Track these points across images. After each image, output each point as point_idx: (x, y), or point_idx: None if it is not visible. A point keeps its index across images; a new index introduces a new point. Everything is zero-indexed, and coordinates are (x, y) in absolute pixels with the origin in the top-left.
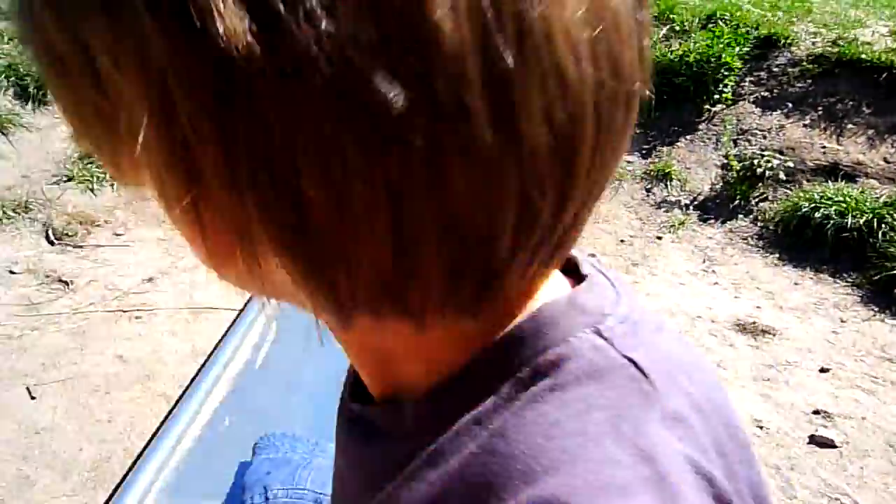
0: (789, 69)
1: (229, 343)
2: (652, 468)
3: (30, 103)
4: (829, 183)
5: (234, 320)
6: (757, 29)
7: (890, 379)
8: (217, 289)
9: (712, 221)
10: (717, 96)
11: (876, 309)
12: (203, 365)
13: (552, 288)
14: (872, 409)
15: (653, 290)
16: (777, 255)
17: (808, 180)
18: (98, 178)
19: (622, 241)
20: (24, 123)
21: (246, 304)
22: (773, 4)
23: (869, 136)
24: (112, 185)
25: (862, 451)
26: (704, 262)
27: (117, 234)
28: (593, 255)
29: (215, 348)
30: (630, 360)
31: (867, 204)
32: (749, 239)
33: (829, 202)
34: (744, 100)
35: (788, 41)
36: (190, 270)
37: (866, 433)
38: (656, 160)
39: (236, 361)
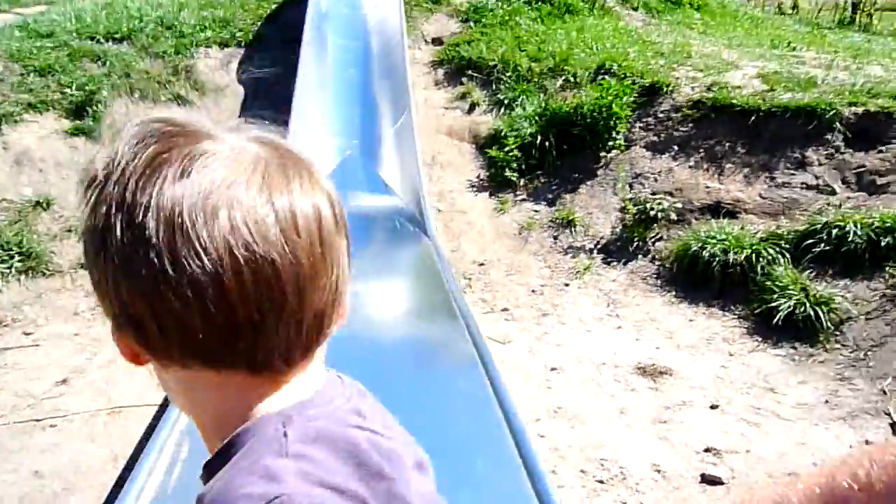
0: (672, 115)
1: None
2: (274, 481)
3: None
4: (714, 221)
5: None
6: (642, 78)
7: (771, 409)
8: (136, 384)
9: (615, 264)
10: (610, 143)
11: (759, 339)
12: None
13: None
14: (756, 442)
15: (562, 339)
16: (674, 293)
17: (696, 219)
18: (2, 273)
19: (533, 290)
20: None
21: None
22: (657, 52)
23: (745, 175)
24: (19, 277)
25: (747, 486)
26: (609, 305)
27: (27, 334)
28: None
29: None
30: (285, 434)
31: (747, 240)
32: (648, 279)
33: (714, 240)
34: (635, 145)
35: (670, 88)
36: (106, 366)
37: (751, 466)
38: (561, 207)
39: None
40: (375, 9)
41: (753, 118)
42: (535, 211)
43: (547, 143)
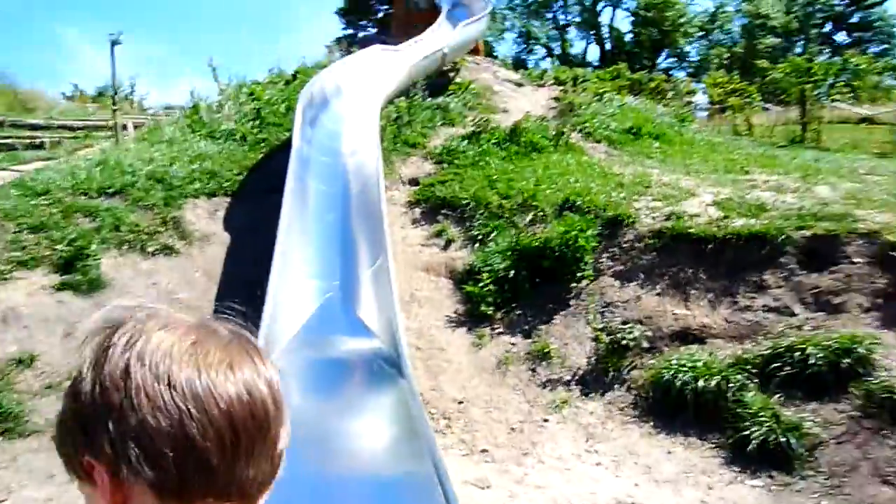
0: (636, 244)
1: None
2: None
3: None
4: (683, 347)
5: None
6: (605, 211)
7: None
8: None
9: (592, 395)
10: (580, 274)
11: (737, 470)
12: None
13: None
14: None
15: (542, 480)
16: (651, 424)
17: (666, 346)
18: None
19: (513, 428)
20: None
21: None
22: (618, 184)
23: (709, 300)
24: None
25: None
26: (588, 440)
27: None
28: None
29: None
30: None
31: (716, 366)
32: (626, 409)
33: (686, 368)
34: (604, 274)
35: (631, 220)
36: None
37: None
38: (537, 339)
39: None
40: (353, 155)
41: (711, 245)
42: (513, 343)
43: (520, 277)
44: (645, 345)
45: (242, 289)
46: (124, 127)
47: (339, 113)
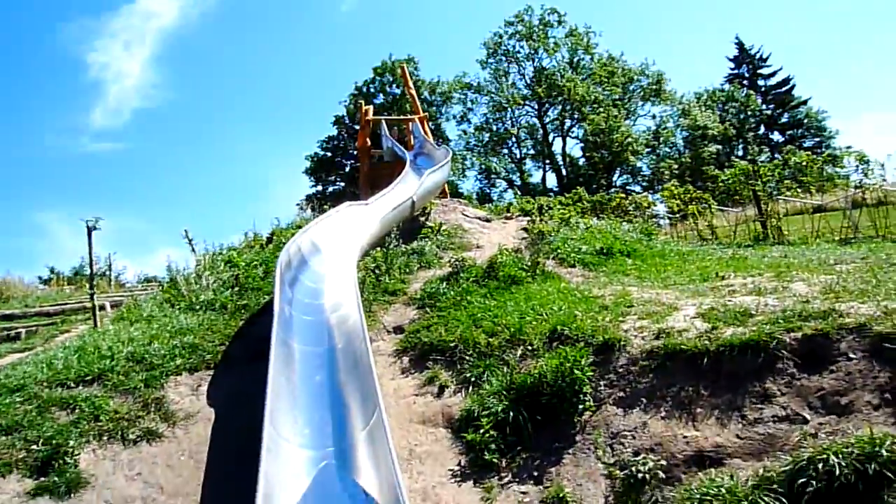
0: (631, 368)
1: None
2: None
3: None
4: (702, 473)
5: None
6: (594, 337)
7: None
8: None
9: None
10: (581, 406)
11: None
12: None
13: None
14: None
15: None
16: None
17: (683, 473)
18: None
19: None
20: None
21: None
22: (601, 306)
23: (717, 417)
24: None
25: None
26: None
27: None
28: None
29: None
30: None
31: (740, 491)
32: None
33: (709, 498)
34: (605, 403)
35: (622, 343)
36: None
37: None
38: (549, 484)
39: None
40: (336, 311)
41: (706, 359)
42: (524, 493)
43: (520, 418)
44: (661, 475)
45: (231, 468)
46: (102, 307)
47: (318, 271)
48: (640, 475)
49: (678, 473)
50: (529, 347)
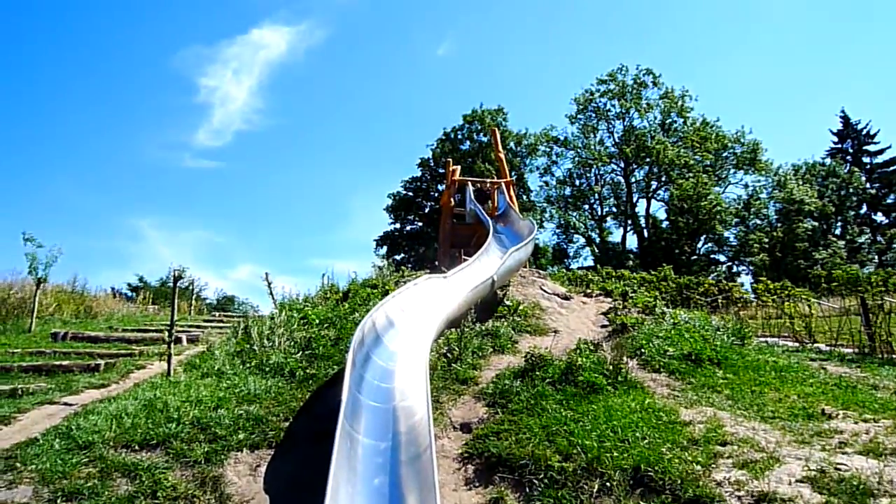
0: None
1: None
2: None
3: None
4: None
5: None
6: (681, 487)
7: None
8: None
9: None
10: None
11: None
12: None
13: None
14: None
15: None
16: None
17: None
18: None
19: None
20: None
21: None
22: (690, 439)
23: None
24: None
25: None
26: None
27: None
28: None
29: None
30: None
31: None
32: None
33: None
34: None
35: (715, 500)
36: None
37: None
38: None
39: None
40: (404, 400)
41: None
42: None
43: None
44: None
45: None
46: (178, 340)
47: (392, 349)
48: None
49: None
50: (607, 484)
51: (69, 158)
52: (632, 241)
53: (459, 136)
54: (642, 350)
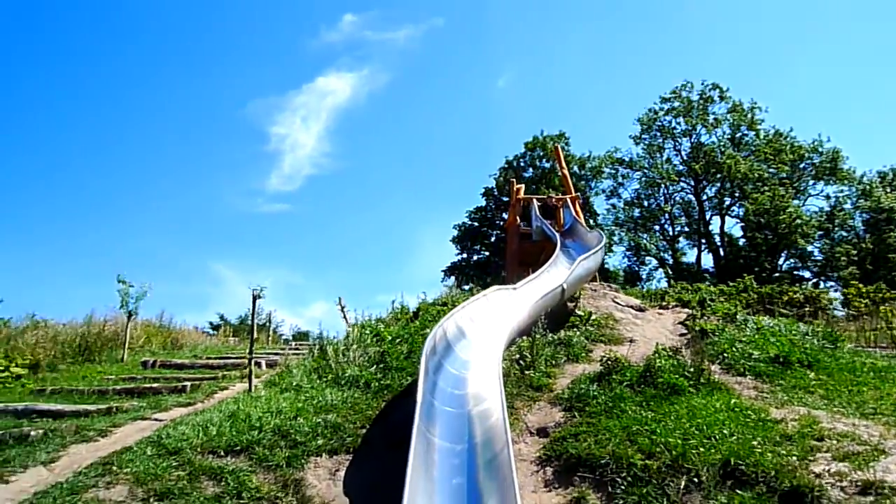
0: None
1: None
2: None
3: None
4: None
5: None
6: (777, 479)
7: None
8: None
9: None
10: None
11: None
12: None
13: None
14: None
15: None
16: None
17: None
18: None
19: None
20: None
21: None
22: (783, 435)
23: None
24: None
25: None
26: None
27: None
28: None
29: None
30: None
31: None
32: None
33: None
34: None
35: (818, 493)
36: None
37: None
38: None
39: None
40: (478, 405)
41: None
42: None
43: None
44: None
45: None
46: (258, 364)
47: (463, 357)
48: None
49: None
50: (695, 479)
51: (158, 210)
52: (707, 261)
53: (522, 164)
54: (724, 354)
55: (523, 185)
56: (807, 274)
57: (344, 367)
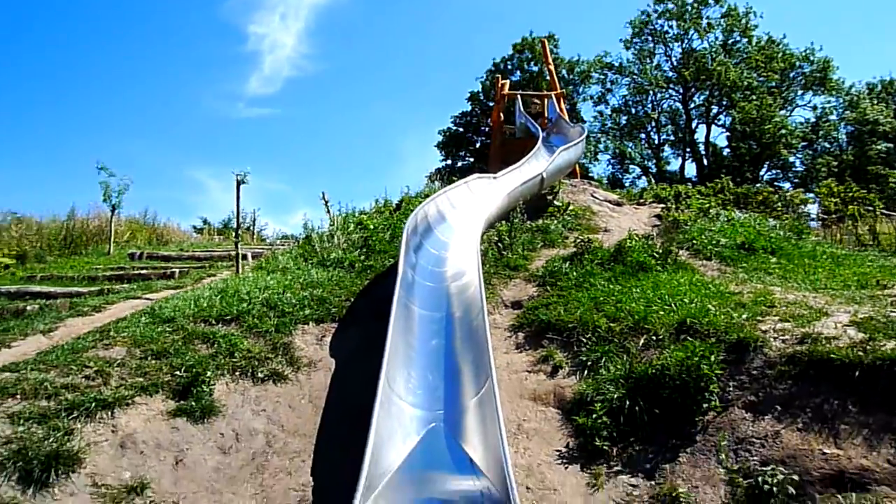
0: (767, 371)
1: None
2: None
3: (31, 488)
4: (841, 496)
5: None
6: (726, 334)
7: None
8: None
9: None
10: (705, 405)
11: None
12: None
13: None
14: None
15: None
16: None
17: (818, 493)
18: None
19: None
20: None
21: None
22: (738, 303)
23: (865, 437)
24: None
25: None
26: None
27: None
28: None
29: None
30: None
31: None
32: None
33: None
34: (733, 405)
35: (759, 343)
36: None
37: None
38: (661, 480)
39: None
40: (456, 280)
41: (858, 372)
42: (633, 485)
43: (636, 408)
44: (791, 490)
45: (345, 416)
46: (244, 257)
47: (442, 239)
48: (766, 487)
49: (811, 492)
50: (654, 338)
51: (135, 113)
52: (691, 170)
53: (509, 67)
54: (693, 241)
55: (508, 81)
56: (787, 185)
57: (329, 251)
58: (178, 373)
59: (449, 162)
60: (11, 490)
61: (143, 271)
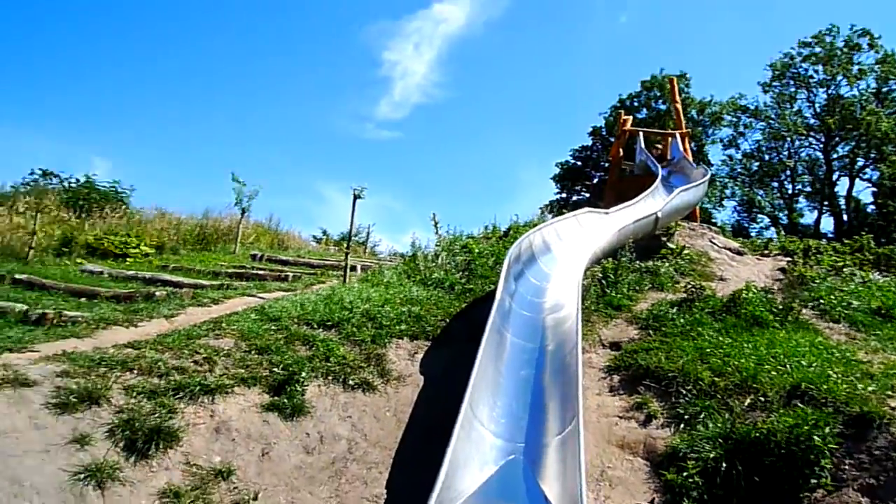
0: (892, 454)
1: None
2: None
3: (133, 457)
4: None
5: None
6: (847, 405)
7: None
8: None
9: None
10: (813, 481)
11: None
12: None
13: None
14: None
15: None
16: None
17: None
18: None
19: None
20: (120, 478)
21: None
22: (864, 373)
23: None
24: None
25: None
26: None
27: None
28: None
29: None
30: None
31: None
32: None
33: None
34: (847, 486)
35: (885, 420)
36: None
37: None
38: None
39: None
40: (554, 312)
41: None
42: None
43: (734, 472)
44: None
45: (427, 435)
46: (353, 268)
47: (545, 269)
48: None
49: None
50: (762, 399)
51: (275, 127)
52: (827, 225)
53: (636, 104)
54: (820, 300)
55: (631, 117)
56: None
57: (432, 271)
58: (275, 370)
59: (564, 195)
60: (116, 455)
61: (261, 272)
